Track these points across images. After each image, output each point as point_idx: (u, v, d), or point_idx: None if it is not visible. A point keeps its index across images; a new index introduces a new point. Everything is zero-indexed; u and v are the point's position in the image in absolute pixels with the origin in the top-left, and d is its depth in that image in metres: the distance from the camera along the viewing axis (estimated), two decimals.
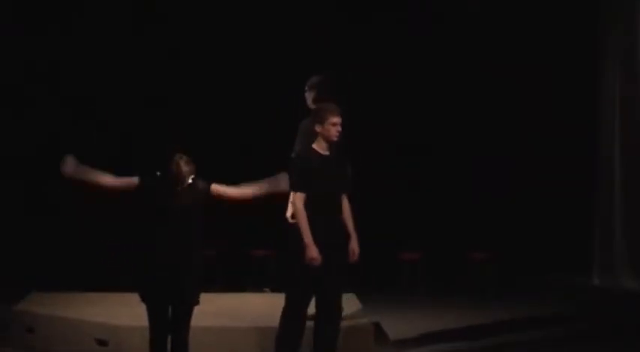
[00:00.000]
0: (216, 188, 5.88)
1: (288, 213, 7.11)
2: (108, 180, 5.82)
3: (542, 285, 10.79)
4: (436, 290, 10.44)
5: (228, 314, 7.45)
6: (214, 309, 7.33)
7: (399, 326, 8.46)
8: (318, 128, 6.27)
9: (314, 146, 6.30)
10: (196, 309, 5.87)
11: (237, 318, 7.30)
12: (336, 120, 6.26)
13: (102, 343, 7.01)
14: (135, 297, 7.99)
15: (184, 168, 5.75)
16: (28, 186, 11.01)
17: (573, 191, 11.15)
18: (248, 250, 10.53)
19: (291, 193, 6.22)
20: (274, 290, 9.47)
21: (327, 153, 6.29)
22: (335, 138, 6.26)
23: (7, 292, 8.82)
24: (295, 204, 6.17)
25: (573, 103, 11.22)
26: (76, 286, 8.88)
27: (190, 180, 5.80)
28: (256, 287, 9.99)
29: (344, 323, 6.43)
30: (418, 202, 11.11)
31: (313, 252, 6.07)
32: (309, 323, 6.34)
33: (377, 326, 7.66)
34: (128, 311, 7.40)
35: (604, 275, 10.86)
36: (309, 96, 7.17)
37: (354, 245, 6.32)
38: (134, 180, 5.76)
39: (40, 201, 11.00)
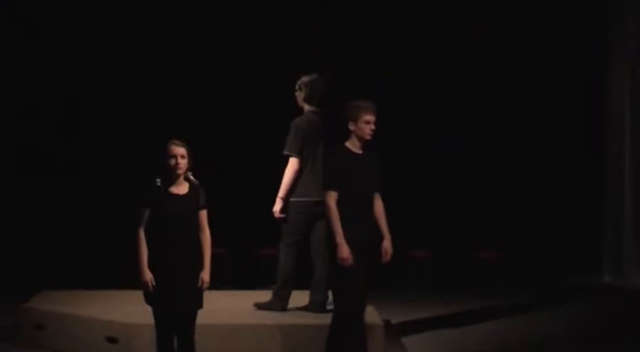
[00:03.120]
0: (202, 216, 5.80)
1: (276, 208, 7.17)
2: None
3: (552, 283, 10.77)
4: (445, 289, 10.43)
5: (239, 311, 7.44)
6: (224, 307, 7.33)
7: (408, 324, 8.46)
8: (351, 126, 6.17)
9: (347, 144, 6.19)
10: (207, 307, 5.85)
11: (248, 316, 7.29)
12: (370, 118, 6.16)
13: (112, 340, 7.01)
14: (141, 295, 8.07)
15: (179, 145, 5.72)
16: (36, 185, 11.04)
17: (583, 188, 11.13)
18: (255, 249, 10.52)
19: (325, 192, 6.13)
20: None
21: (360, 151, 6.20)
22: (368, 137, 6.17)
23: (17, 290, 8.84)
24: (328, 202, 6.07)
25: (583, 101, 11.19)
26: (86, 284, 8.89)
27: (191, 179, 5.77)
28: (265, 285, 9.98)
29: None
30: (428, 201, 11.09)
31: (345, 251, 5.99)
32: (321, 321, 6.35)
33: (387, 324, 7.66)
34: (138, 309, 7.32)
35: (614, 273, 10.83)
36: (299, 96, 7.31)
37: (387, 245, 6.25)
38: (144, 217, 5.69)
39: (47, 198, 11.02)
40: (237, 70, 11.09)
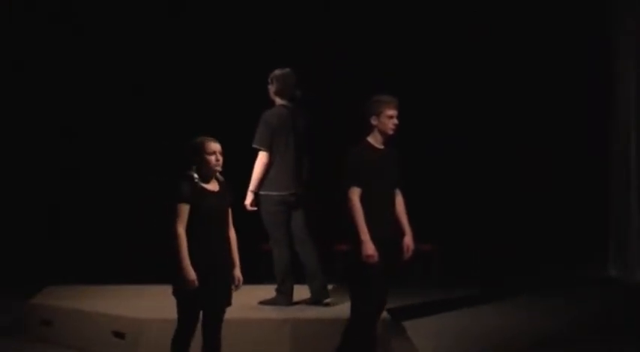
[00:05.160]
0: (230, 213, 5.76)
1: (247, 201, 7.22)
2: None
3: (557, 278, 10.77)
4: (450, 283, 10.44)
5: (245, 305, 7.42)
6: (239, 302, 7.33)
7: (413, 317, 8.47)
8: (373, 121, 6.10)
9: (369, 139, 6.13)
10: None
11: (254, 310, 7.29)
12: (393, 112, 6.10)
13: (119, 335, 7.01)
14: (151, 289, 8.09)
15: (216, 141, 5.66)
16: (45, 181, 11.04)
17: (589, 183, 11.14)
18: (258, 244, 10.52)
19: (348, 188, 6.06)
20: None
21: (381, 146, 6.15)
22: (391, 132, 6.11)
23: (23, 285, 8.85)
24: (351, 199, 6.00)
25: (588, 97, 11.19)
26: (92, 279, 8.90)
27: (218, 176, 5.71)
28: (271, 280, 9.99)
29: None
30: (433, 194, 11.09)
31: (370, 248, 5.94)
32: (327, 315, 6.30)
33: (393, 317, 7.66)
34: (145, 304, 7.44)
35: (620, 267, 10.83)
36: (270, 89, 7.41)
37: (408, 241, 6.25)
38: (184, 214, 5.53)
39: (54, 194, 11.04)
40: (241, 69, 11.07)
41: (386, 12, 11.23)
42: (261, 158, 7.21)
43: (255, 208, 7.28)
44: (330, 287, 7.52)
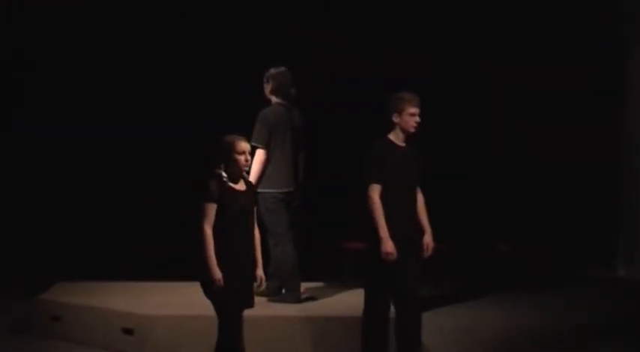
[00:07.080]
0: (255, 213, 5.76)
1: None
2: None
3: (565, 277, 10.76)
4: (459, 282, 10.43)
5: (262, 303, 7.45)
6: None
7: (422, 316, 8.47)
8: (395, 118, 6.11)
9: (390, 136, 6.14)
10: None
11: (263, 307, 7.28)
12: (415, 110, 6.11)
13: (128, 332, 7.04)
14: (160, 286, 8.12)
15: (246, 140, 5.62)
16: (54, 179, 11.07)
17: (598, 181, 11.11)
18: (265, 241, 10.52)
19: (368, 185, 6.07)
20: None
21: (403, 144, 6.15)
22: (413, 129, 6.12)
23: (33, 282, 8.87)
24: (371, 195, 6.00)
25: (598, 93, 11.16)
26: (101, 275, 8.91)
27: (244, 175, 5.67)
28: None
29: None
30: (442, 194, 11.07)
31: (389, 246, 5.94)
32: (337, 313, 6.33)
33: None
34: (154, 301, 7.46)
35: (629, 266, 10.81)
36: (266, 88, 7.45)
37: (428, 239, 6.23)
38: (212, 214, 5.49)
39: (58, 192, 11.06)
40: (240, 68, 11.05)
41: (386, 12, 11.20)
42: (259, 156, 7.22)
43: (255, 207, 7.29)
44: (322, 284, 7.55)
